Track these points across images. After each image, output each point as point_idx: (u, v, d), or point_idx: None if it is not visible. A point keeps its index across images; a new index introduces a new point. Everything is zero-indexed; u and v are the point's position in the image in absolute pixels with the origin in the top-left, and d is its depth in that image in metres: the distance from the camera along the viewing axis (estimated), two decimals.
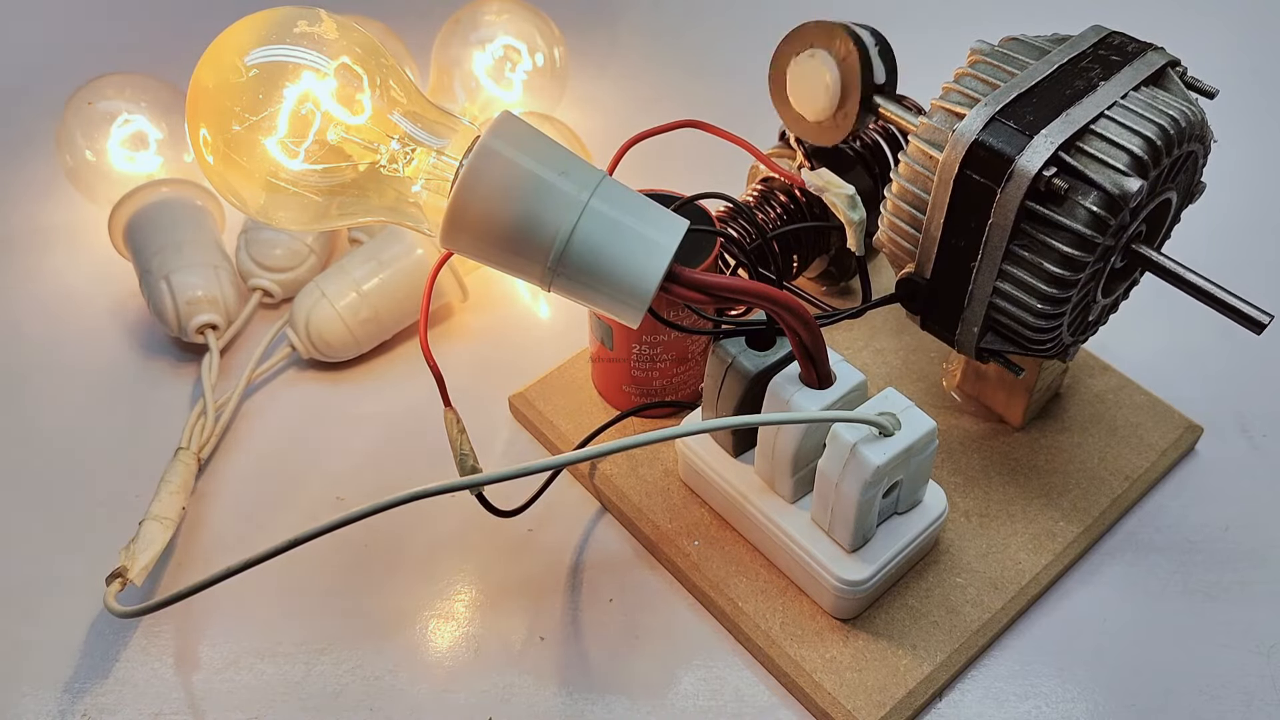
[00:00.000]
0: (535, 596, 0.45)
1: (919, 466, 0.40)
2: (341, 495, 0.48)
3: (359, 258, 0.53)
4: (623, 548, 0.47)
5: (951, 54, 0.43)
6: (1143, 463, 0.47)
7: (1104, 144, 0.36)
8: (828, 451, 0.39)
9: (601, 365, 0.49)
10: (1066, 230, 0.36)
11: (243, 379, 0.51)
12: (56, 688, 0.42)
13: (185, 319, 0.51)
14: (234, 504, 0.48)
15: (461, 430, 0.40)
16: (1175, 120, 0.37)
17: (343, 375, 0.53)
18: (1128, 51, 0.39)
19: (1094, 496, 0.46)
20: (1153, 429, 0.48)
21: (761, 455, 0.43)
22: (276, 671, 0.43)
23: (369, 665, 0.43)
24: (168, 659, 0.43)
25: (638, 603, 0.45)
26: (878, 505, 0.40)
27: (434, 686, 0.42)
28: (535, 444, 0.50)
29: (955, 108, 0.38)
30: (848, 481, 0.38)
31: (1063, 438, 0.48)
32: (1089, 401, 0.49)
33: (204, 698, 0.42)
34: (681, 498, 0.46)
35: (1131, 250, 0.39)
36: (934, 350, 0.51)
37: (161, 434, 0.50)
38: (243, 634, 0.44)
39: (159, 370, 0.53)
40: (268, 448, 0.50)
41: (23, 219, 0.61)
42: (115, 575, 0.41)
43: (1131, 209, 0.36)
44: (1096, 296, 0.40)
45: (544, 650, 0.43)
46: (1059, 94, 0.37)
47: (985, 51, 0.40)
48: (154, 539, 0.43)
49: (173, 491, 0.45)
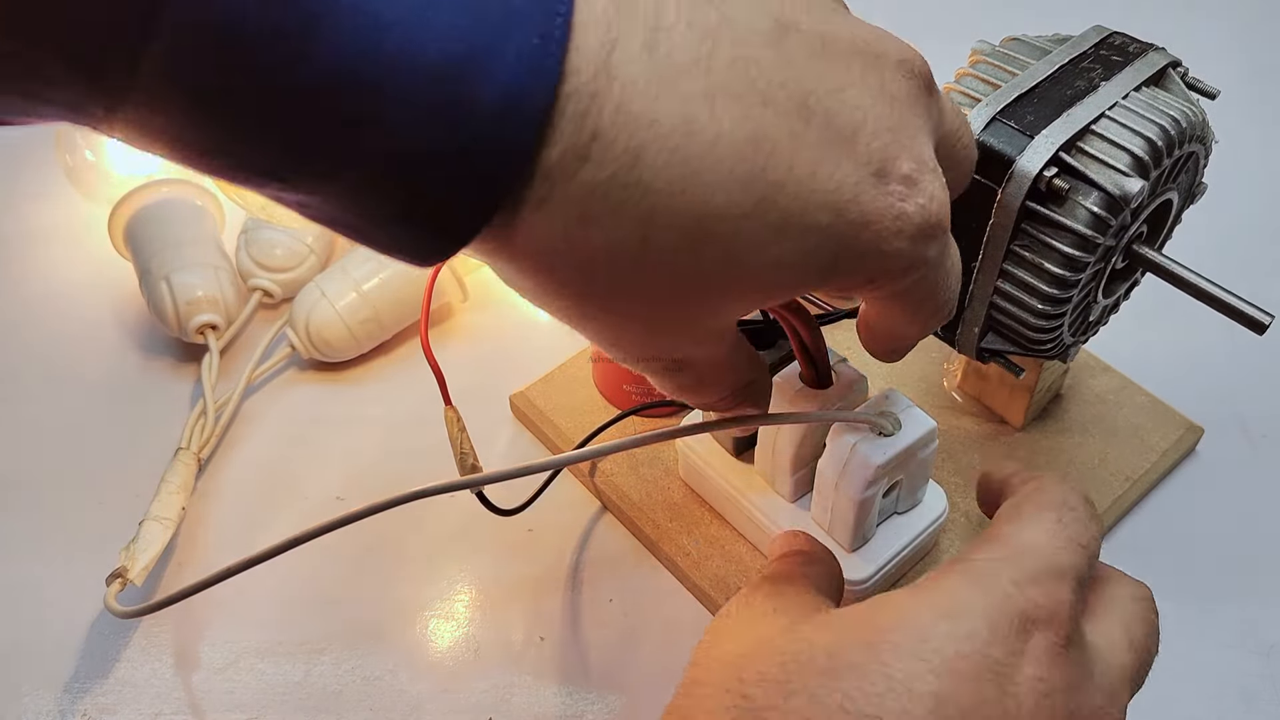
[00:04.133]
0: (535, 596, 0.45)
1: (919, 467, 0.40)
2: (341, 495, 0.48)
3: (359, 257, 0.53)
4: (623, 547, 0.46)
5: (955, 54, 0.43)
6: (1143, 463, 0.47)
7: (1105, 144, 0.36)
8: (828, 451, 0.39)
9: (602, 365, 0.49)
10: (1067, 230, 0.36)
11: (243, 379, 0.51)
12: (56, 688, 0.42)
13: (185, 319, 0.51)
14: (234, 503, 0.48)
15: (462, 429, 0.40)
16: (1176, 121, 0.37)
17: (343, 375, 0.53)
18: (1129, 52, 0.39)
19: (1094, 497, 0.46)
20: (1153, 430, 0.48)
21: (761, 454, 0.42)
22: (276, 671, 0.43)
23: (369, 665, 0.43)
24: (168, 659, 0.43)
25: (638, 602, 0.45)
26: (877, 505, 0.40)
27: (434, 686, 0.42)
28: (536, 443, 0.50)
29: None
30: (848, 481, 0.38)
31: (1063, 438, 0.48)
32: (1090, 402, 0.49)
33: (204, 698, 0.42)
34: (682, 496, 0.46)
35: (1132, 251, 0.39)
36: (935, 350, 0.51)
37: (161, 434, 0.50)
38: (243, 634, 0.44)
39: (159, 370, 0.53)
40: (268, 447, 0.50)
41: (23, 219, 0.61)
42: (115, 575, 0.41)
43: (1132, 209, 0.36)
44: (1097, 297, 0.40)
45: (544, 650, 0.43)
46: (1060, 94, 0.37)
47: (986, 51, 0.40)
48: (154, 539, 0.43)
49: (172, 491, 0.45)
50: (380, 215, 0.23)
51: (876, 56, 0.26)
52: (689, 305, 0.26)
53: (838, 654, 0.27)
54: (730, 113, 0.23)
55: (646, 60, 0.22)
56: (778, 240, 0.25)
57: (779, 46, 0.24)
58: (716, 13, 0.24)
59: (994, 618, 0.27)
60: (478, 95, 0.21)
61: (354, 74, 0.20)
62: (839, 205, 0.25)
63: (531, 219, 0.23)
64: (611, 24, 0.22)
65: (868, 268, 0.26)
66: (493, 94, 0.21)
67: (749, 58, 0.24)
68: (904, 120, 0.26)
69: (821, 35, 0.25)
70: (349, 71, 0.20)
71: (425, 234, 0.23)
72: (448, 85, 0.21)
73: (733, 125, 0.23)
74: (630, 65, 0.22)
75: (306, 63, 0.20)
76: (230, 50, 0.20)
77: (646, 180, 0.23)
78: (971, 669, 0.26)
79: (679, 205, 0.23)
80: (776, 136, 0.24)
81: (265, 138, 0.21)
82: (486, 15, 0.21)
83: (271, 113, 0.20)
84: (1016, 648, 0.27)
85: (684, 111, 0.23)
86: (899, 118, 0.26)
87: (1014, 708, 0.26)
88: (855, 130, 0.25)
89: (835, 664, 0.27)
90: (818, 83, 0.25)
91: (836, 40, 0.26)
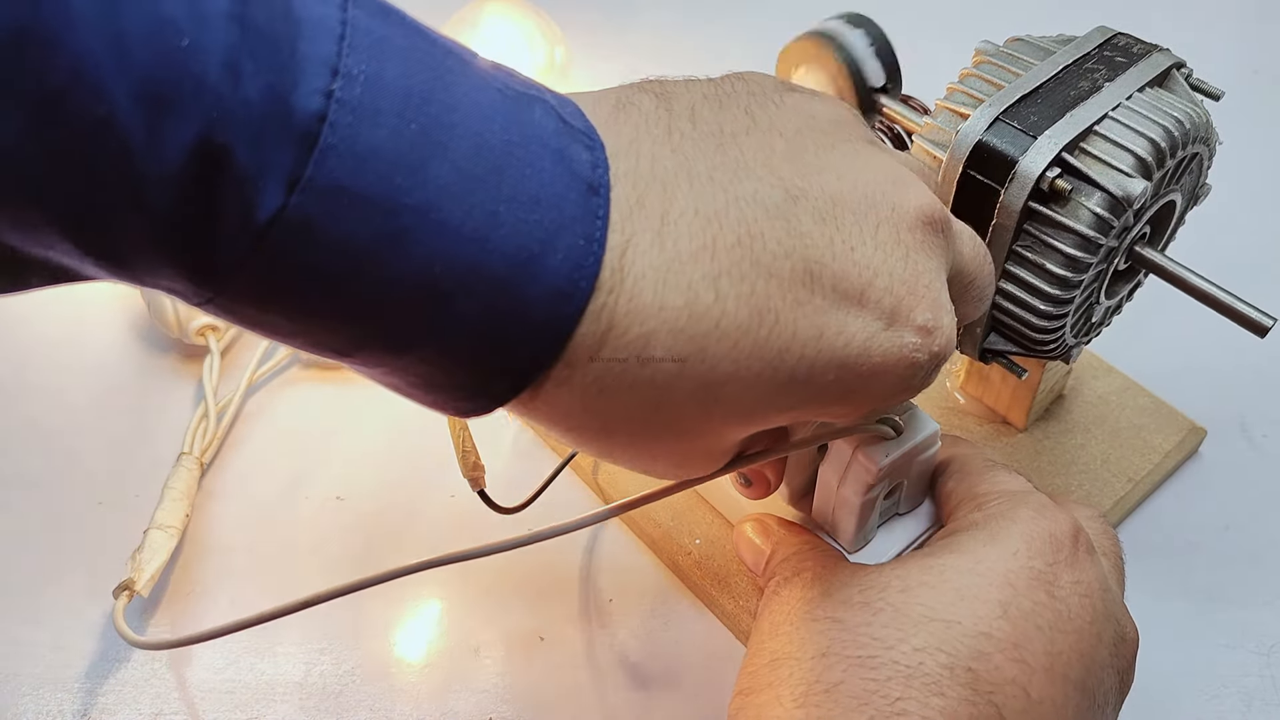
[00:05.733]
0: (535, 596, 0.45)
1: (922, 469, 0.40)
2: (342, 496, 0.48)
3: None
4: (624, 547, 0.46)
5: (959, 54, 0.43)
6: (1146, 465, 0.47)
7: (1108, 145, 0.36)
8: (830, 453, 0.39)
9: None
10: (1069, 231, 0.36)
11: (244, 380, 0.51)
12: (56, 688, 0.42)
13: (185, 321, 0.51)
14: (237, 504, 0.48)
15: (464, 427, 0.40)
16: (1180, 122, 0.37)
17: (344, 375, 0.53)
18: (1133, 53, 0.39)
19: (1097, 498, 0.46)
20: (1156, 431, 0.48)
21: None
22: (276, 671, 0.43)
23: (369, 665, 0.43)
24: (168, 659, 0.43)
25: (638, 602, 0.44)
26: (879, 507, 0.40)
27: (434, 686, 0.42)
28: (539, 443, 0.50)
29: (959, 108, 0.38)
30: (849, 484, 0.38)
31: (1066, 439, 0.48)
32: (1092, 403, 0.49)
33: (204, 698, 0.42)
34: (684, 496, 0.46)
35: (1135, 252, 0.39)
36: None
37: (162, 436, 0.50)
38: (243, 634, 0.43)
39: (159, 372, 0.53)
40: (270, 448, 0.50)
41: None
42: (123, 588, 0.41)
43: (1135, 211, 0.36)
44: (1100, 298, 0.40)
45: (544, 650, 0.43)
46: (1063, 95, 0.37)
47: (990, 52, 0.40)
48: (160, 548, 0.43)
49: (176, 498, 0.45)
50: (423, 384, 0.25)
51: (892, 209, 0.28)
52: (707, 443, 0.29)
53: (907, 577, 0.32)
54: (734, 291, 0.25)
55: (657, 253, 0.25)
56: (786, 394, 0.27)
57: (787, 218, 0.26)
58: (724, 195, 0.26)
59: (1028, 538, 0.33)
60: (529, 294, 0.24)
61: (429, 279, 0.23)
62: (847, 360, 0.27)
63: (554, 392, 0.25)
64: (629, 220, 0.25)
65: (874, 402, 0.29)
66: (542, 293, 0.24)
67: (754, 235, 0.26)
68: (919, 270, 0.28)
69: (833, 197, 0.27)
70: (426, 276, 0.23)
71: (461, 401, 0.26)
72: (506, 289, 0.23)
73: (736, 303, 0.25)
74: (642, 259, 0.24)
75: (393, 268, 0.22)
76: (332, 253, 0.22)
77: (657, 358, 0.25)
78: (1023, 581, 0.31)
79: (688, 377, 0.25)
80: (779, 308, 0.26)
81: (345, 328, 0.24)
82: (544, 224, 0.23)
83: (356, 309, 0.23)
84: (1054, 559, 0.32)
85: (689, 296, 0.25)
86: (913, 269, 0.28)
87: (1064, 610, 0.31)
88: (864, 288, 0.27)
89: (909, 583, 0.32)
90: (826, 247, 0.26)
91: (848, 199, 0.27)
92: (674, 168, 0.26)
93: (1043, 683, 0.30)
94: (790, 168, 0.27)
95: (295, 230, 0.21)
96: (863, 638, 0.30)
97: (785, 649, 0.32)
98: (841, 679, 0.30)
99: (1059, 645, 0.31)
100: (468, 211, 0.22)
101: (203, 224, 0.21)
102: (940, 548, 0.33)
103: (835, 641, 0.31)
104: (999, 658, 0.30)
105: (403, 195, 0.22)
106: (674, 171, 0.26)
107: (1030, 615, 0.31)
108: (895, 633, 0.30)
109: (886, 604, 0.31)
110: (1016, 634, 0.30)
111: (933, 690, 0.29)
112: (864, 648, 0.30)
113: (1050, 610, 0.31)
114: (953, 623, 0.30)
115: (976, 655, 0.30)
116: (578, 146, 0.24)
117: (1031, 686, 0.30)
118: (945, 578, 0.31)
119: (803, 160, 0.27)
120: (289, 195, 0.21)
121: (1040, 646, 0.30)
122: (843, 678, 0.30)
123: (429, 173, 0.22)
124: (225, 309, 0.23)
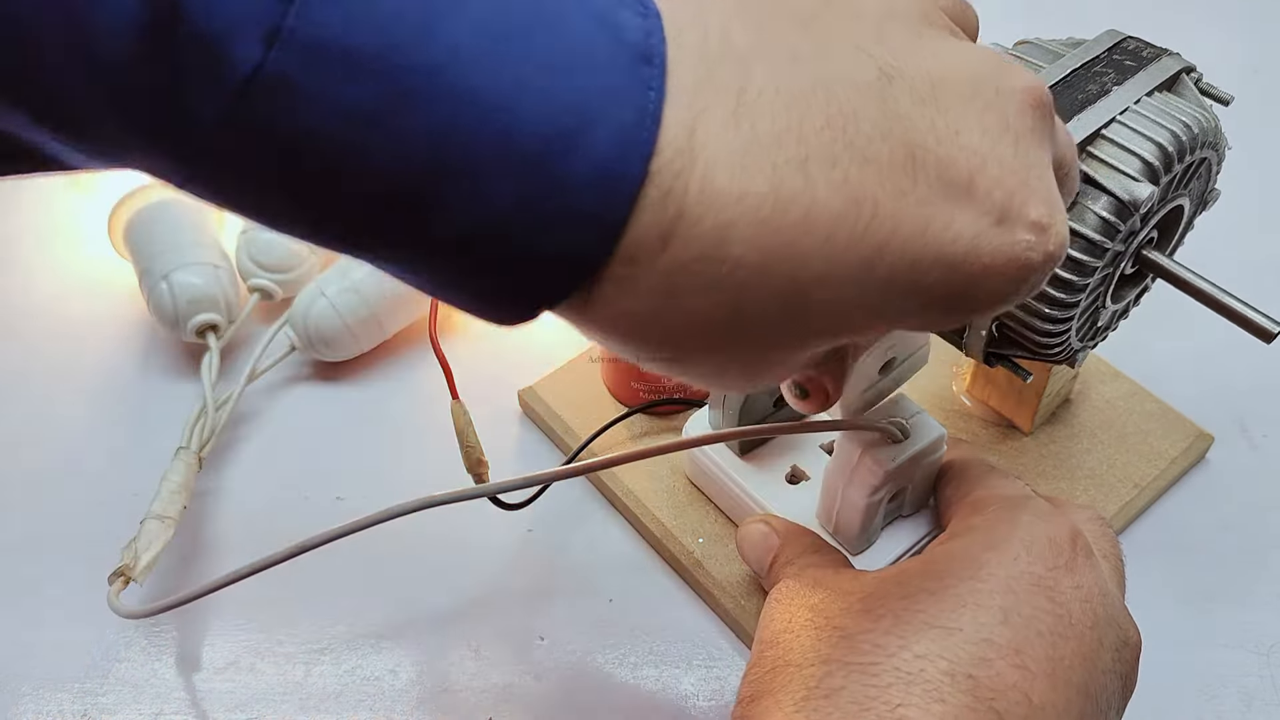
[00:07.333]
0: (535, 596, 0.45)
1: (927, 472, 0.40)
2: (341, 495, 0.48)
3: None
4: (624, 547, 0.46)
5: None
6: (1152, 471, 0.47)
7: (1115, 149, 0.36)
8: (836, 455, 0.39)
9: (610, 364, 0.49)
10: (1075, 235, 0.36)
11: (243, 379, 0.50)
12: (56, 688, 0.42)
13: (185, 319, 0.51)
14: (235, 502, 0.48)
15: (468, 423, 0.40)
16: (1188, 126, 0.36)
17: (343, 374, 0.53)
18: (1142, 57, 0.39)
19: (1101, 504, 0.46)
20: (1162, 437, 0.48)
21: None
22: (276, 671, 0.42)
23: (369, 665, 0.43)
24: (168, 659, 0.43)
25: (639, 602, 0.44)
26: (883, 510, 0.40)
27: (434, 686, 0.42)
28: (544, 439, 0.50)
29: None
30: (855, 485, 0.38)
31: (1072, 444, 0.48)
32: (1099, 408, 0.49)
33: (204, 698, 0.42)
34: (686, 495, 0.46)
35: (1142, 256, 0.39)
36: (943, 353, 0.51)
37: (161, 434, 0.50)
38: (243, 634, 0.43)
39: (159, 370, 0.53)
40: (268, 447, 0.50)
41: (23, 219, 0.61)
42: (118, 574, 0.41)
43: (1142, 215, 0.36)
44: (1106, 302, 0.40)
45: (544, 650, 0.43)
46: (1071, 98, 0.37)
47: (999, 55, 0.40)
48: (155, 537, 0.43)
49: (174, 490, 0.45)
50: (452, 282, 0.22)
51: (998, 92, 0.25)
52: (789, 353, 0.26)
53: (908, 584, 0.32)
54: (826, 178, 0.22)
55: (733, 133, 0.22)
56: (883, 299, 0.24)
57: (882, 97, 0.23)
58: (809, 73, 0.23)
59: (1027, 543, 0.32)
60: (571, 176, 0.21)
61: (444, 154, 0.20)
62: (954, 260, 0.24)
63: (614, 295, 0.22)
64: (697, 95, 0.22)
65: (980, 309, 0.25)
66: (586, 175, 0.21)
67: (846, 115, 0.23)
68: (1030, 160, 0.25)
69: (931, 77, 0.24)
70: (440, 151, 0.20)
71: (504, 300, 0.23)
72: (541, 168, 0.20)
73: (828, 191, 0.22)
74: (715, 140, 0.21)
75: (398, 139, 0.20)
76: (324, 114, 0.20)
77: (736, 255, 0.22)
78: (1024, 586, 0.31)
79: (774, 277, 0.22)
80: (878, 197, 0.23)
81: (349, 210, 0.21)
82: (584, 94, 0.21)
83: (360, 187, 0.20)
84: (1054, 564, 0.32)
85: (774, 182, 0.22)
86: (1024, 158, 0.25)
87: (1065, 615, 0.31)
88: (972, 178, 0.24)
89: (909, 590, 0.31)
90: (928, 131, 0.23)
91: (950, 79, 0.24)
92: (749, 44, 0.23)
93: (1044, 688, 0.30)
94: (881, 48, 0.24)
95: (277, 91, 0.19)
96: (864, 644, 0.30)
97: (787, 655, 0.32)
98: (842, 685, 0.30)
99: (1060, 650, 0.31)
100: (488, 76, 0.20)
101: (167, 83, 0.19)
102: (940, 554, 0.33)
103: (836, 648, 0.31)
104: (1000, 664, 0.30)
105: (406, 54, 0.19)
106: (749, 47, 0.22)
107: (1031, 621, 0.31)
108: (896, 639, 0.30)
109: (887, 610, 0.31)
110: (1017, 640, 0.30)
111: (933, 697, 0.29)
112: (865, 654, 0.30)
113: (1051, 615, 0.31)
114: (953, 629, 0.30)
115: (977, 662, 0.30)
116: (627, 12, 0.21)
117: (1033, 692, 0.30)
118: (946, 584, 0.31)
119: (894, 41, 0.24)
120: (268, 50, 0.19)
121: (1041, 652, 0.30)
122: (843, 684, 0.30)
123: (439, 29, 0.19)
124: (211, 189, 0.21)
